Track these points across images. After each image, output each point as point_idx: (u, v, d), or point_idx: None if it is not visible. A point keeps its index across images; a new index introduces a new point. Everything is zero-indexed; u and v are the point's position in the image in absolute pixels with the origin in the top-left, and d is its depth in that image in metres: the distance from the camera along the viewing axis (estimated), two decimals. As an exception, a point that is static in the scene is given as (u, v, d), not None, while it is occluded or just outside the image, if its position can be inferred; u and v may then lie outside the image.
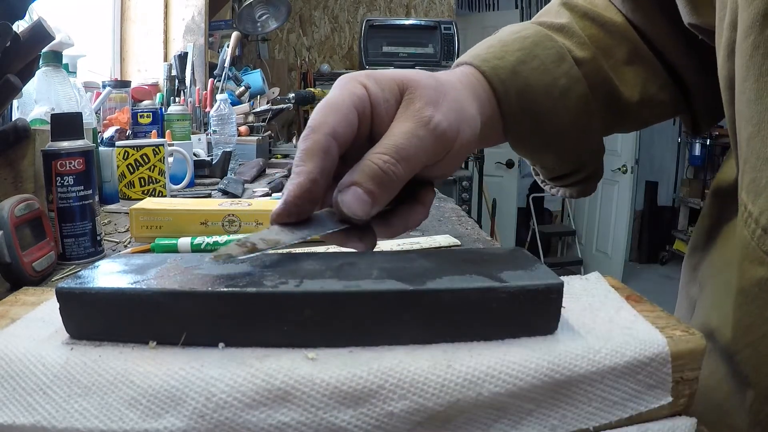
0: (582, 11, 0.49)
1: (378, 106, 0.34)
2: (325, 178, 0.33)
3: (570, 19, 0.48)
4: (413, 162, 0.33)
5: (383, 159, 0.32)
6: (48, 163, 0.61)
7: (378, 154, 0.33)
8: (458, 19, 3.37)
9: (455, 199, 2.81)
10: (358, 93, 0.34)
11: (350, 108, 0.34)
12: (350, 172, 0.33)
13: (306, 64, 3.26)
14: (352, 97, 0.34)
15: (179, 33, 2.05)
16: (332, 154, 0.33)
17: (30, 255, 0.54)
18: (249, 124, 1.84)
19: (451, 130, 0.35)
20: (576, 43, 0.46)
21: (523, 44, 0.44)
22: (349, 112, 0.33)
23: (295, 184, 0.32)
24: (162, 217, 0.72)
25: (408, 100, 0.35)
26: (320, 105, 0.34)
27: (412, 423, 0.24)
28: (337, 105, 0.33)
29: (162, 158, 1.09)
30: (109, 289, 0.27)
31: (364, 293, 0.26)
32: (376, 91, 0.34)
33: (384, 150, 0.33)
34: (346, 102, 0.34)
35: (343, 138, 0.33)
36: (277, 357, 0.25)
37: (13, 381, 0.25)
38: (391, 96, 0.35)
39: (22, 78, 0.65)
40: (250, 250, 0.29)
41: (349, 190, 0.32)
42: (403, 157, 0.33)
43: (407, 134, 0.33)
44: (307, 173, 0.32)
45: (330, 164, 0.33)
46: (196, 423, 0.23)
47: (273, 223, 0.32)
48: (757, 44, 0.31)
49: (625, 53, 0.47)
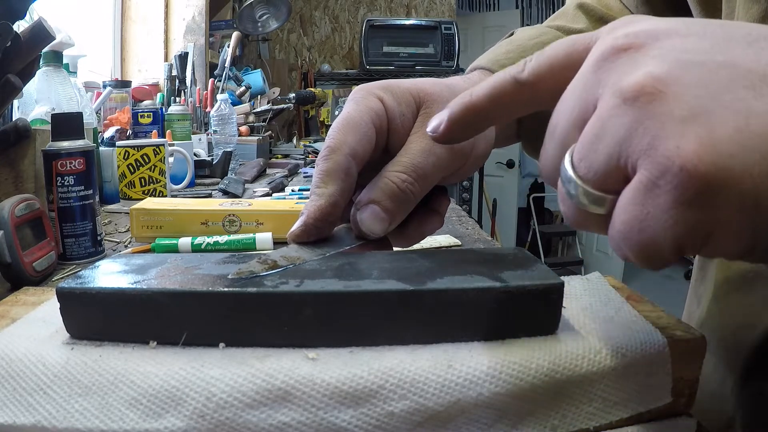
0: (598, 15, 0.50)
1: (394, 120, 0.34)
2: (345, 199, 0.33)
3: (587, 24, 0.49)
4: (430, 179, 0.33)
5: (401, 178, 0.32)
6: (48, 163, 0.61)
7: (396, 172, 0.33)
8: (459, 19, 3.36)
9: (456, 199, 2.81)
10: (376, 108, 0.34)
11: (369, 125, 0.34)
12: (368, 188, 0.33)
13: (306, 64, 3.26)
14: (370, 113, 0.34)
15: (180, 33, 2.05)
16: (352, 175, 0.33)
17: (30, 255, 0.54)
18: (249, 124, 1.84)
19: (467, 144, 0.35)
20: None
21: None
22: (368, 130, 0.33)
23: (316, 207, 0.32)
24: (162, 217, 0.72)
25: (425, 114, 0.35)
26: (338, 122, 0.34)
27: (413, 423, 0.24)
28: (355, 122, 0.33)
29: (162, 158, 1.09)
30: (110, 289, 0.27)
31: (364, 293, 0.26)
32: (392, 106, 0.34)
33: (402, 168, 0.33)
34: (364, 119, 0.33)
35: (362, 157, 0.33)
36: (277, 357, 0.25)
37: (14, 381, 0.25)
38: (408, 110, 0.35)
39: (22, 78, 0.65)
40: (272, 267, 0.29)
41: (367, 208, 0.32)
42: (421, 176, 0.33)
43: (425, 152, 0.33)
44: (328, 196, 0.32)
45: (350, 185, 0.33)
46: (197, 423, 0.23)
47: (291, 243, 0.32)
48: None
49: None
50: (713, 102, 0.19)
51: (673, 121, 0.19)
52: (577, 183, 0.22)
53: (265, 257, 0.30)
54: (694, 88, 0.20)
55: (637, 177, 0.20)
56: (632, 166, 0.20)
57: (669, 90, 0.20)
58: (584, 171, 0.22)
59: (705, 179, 0.18)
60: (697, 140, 0.19)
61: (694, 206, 0.19)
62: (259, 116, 1.99)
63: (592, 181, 0.21)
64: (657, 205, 0.19)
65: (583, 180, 0.22)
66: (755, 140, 0.18)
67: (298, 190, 1.14)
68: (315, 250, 0.32)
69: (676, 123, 0.19)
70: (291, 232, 0.32)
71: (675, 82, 0.20)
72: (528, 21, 4.69)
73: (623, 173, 0.21)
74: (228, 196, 1.08)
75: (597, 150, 0.21)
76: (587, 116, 0.22)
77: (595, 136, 0.21)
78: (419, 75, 2.94)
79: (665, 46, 0.21)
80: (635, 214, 0.20)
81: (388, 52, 2.98)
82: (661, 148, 0.19)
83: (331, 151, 0.33)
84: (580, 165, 0.22)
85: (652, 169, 0.19)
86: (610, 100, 0.21)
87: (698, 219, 0.19)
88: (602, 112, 0.21)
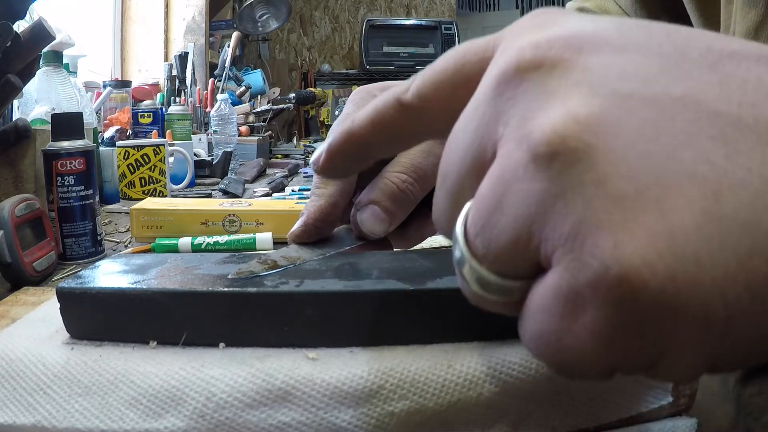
0: None
1: None
2: (345, 199, 0.33)
3: None
4: (431, 179, 0.33)
5: (401, 178, 0.32)
6: (48, 163, 0.61)
7: (396, 173, 0.33)
8: (459, 19, 3.36)
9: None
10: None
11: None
12: (368, 189, 0.33)
13: (306, 64, 3.26)
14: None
15: (180, 33, 2.05)
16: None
17: (30, 255, 0.54)
18: (249, 124, 1.84)
19: None
20: None
21: None
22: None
23: (316, 207, 0.32)
24: (162, 217, 0.72)
25: None
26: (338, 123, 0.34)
27: (413, 423, 0.24)
28: None
29: (162, 158, 1.09)
30: (110, 289, 0.27)
31: (364, 293, 0.26)
32: None
33: (402, 169, 0.33)
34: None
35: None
36: (277, 357, 0.25)
37: (14, 381, 0.25)
38: None
39: (22, 78, 0.65)
40: (272, 267, 0.29)
41: (367, 209, 0.32)
42: (421, 176, 0.33)
43: (425, 152, 0.33)
44: (328, 196, 0.32)
45: (350, 186, 0.33)
46: (197, 423, 0.23)
47: (291, 243, 0.32)
48: None
49: None
50: (669, 166, 0.13)
51: (609, 200, 0.13)
52: (471, 264, 0.16)
53: (265, 257, 0.30)
54: (641, 142, 0.13)
55: (554, 277, 0.14)
56: (546, 255, 0.14)
57: (602, 145, 0.13)
58: (481, 250, 0.16)
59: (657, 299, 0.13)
60: (647, 236, 0.13)
61: (636, 333, 0.13)
62: (259, 116, 1.99)
63: (489, 263, 0.16)
64: (582, 323, 0.14)
65: (478, 260, 0.16)
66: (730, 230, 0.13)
67: (298, 190, 1.14)
68: (315, 250, 0.32)
69: (613, 204, 0.13)
70: (291, 232, 0.32)
71: (612, 132, 0.14)
72: (528, 21, 4.68)
73: (533, 258, 0.15)
74: (228, 196, 1.08)
75: (497, 224, 0.15)
76: (484, 163, 0.16)
77: (494, 204, 0.15)
78: (419, 75, 2.93)
79: (594, 67, 0.15)
80: (550, 328, 0.14)
81: (388, 52, 2.98)
82: (589, 243, 0.13)
83: None
84: (475, 240, 0.16)
85: (576, 273, 0.13)
86: (514, 154, 0.15)
87: (641, 346, 0.13)
88: (504, 171, 0.15)
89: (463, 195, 0.17)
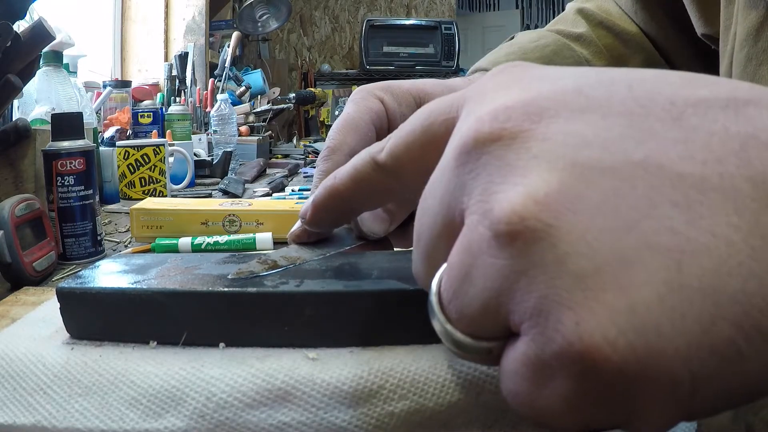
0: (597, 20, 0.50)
1: (395, 120, 0.34)
2: None
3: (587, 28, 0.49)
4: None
5: None
6: (48, 163, 0.61)
7: None
8: (459, 19, 3.37)
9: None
10: (375, 109, 0.34)
11: (369, 126, 0.33)
12: None
13: (306, 64, 3.26)
14: (370, 113, 0.34)
15: (180, 33, 2.05)
16: None
17: (30, 255, 0.54)
18: (249, 124, 1.84)
19: None
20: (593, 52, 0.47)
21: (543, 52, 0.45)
22: (368, 131, 0.33)
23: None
24: (162, 216, 0.72)
25: None
26: (338, 123, 0.34)
27: (413, 423, 0.24)
28: (355, 123, 0.33)
29: (162, 158, 1.09)
30: (110, 289, 0.27)
31: (364, 293, 0.26)
32: (393, 106, 0.34)
33: None
34: (364, 119, 0.33)
35: None
36: (277, 357, 0.25)
37: (14, 381, 0.25)
38: (408, 110, 0.35)
39: (22, 78, 0.65)
40: (272, 267, 0.29)
41: None
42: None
43: None
44: None
45: None
46: (197, 423, 0.23)
47: (291, 243, 0.32)
48: (750, 56, 0.31)
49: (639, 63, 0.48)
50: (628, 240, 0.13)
51: (569, 279, 0.13)
52: (446, 327, 0.17)
53: (265, 257, 0.30)
54: (600, 217, 0.13)
55: (523, 346, 0.15)
56: (514, 323, 0.15)
57: (561, 224, 0.13)
58: (454, 314, 0.16)
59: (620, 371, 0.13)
60: (607, 313, 0.13)
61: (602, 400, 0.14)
62: (259, 116, 1.99)
63: (465, 328, 0.16)
64: (551, 389, 0.14)
65: (452, 324, 0.17)
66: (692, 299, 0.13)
67: (298, 190, 1.14)
68: (315, 250, 0.32)
69: (573, 282, 0.13)
70: (291, 232, 0.32)
71: (571, 209, 0.14)
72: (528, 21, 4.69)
73: (503, 324, 0.15)
74: (228, 196, 1.08)
75: (467, 293, 0.16)
76: (454, 228, 0.16)
77: (463, 275, 0.16)
78: (419, 75, 2.94)
79: (552, 137, 0.15)
80: (523, 390, 0.15)
81: (388, 52, 2.98)
82: (553, 319, 0.13)
83: (331, 152, 0.33)
84: (449, 306, 0.17)
85: (543, 346, 0.14)
86: (478, 228, 0.15)
87: (609, 411, 0.14)
88: (470, 243, 0.15)
89: (437, 256, 0.18)
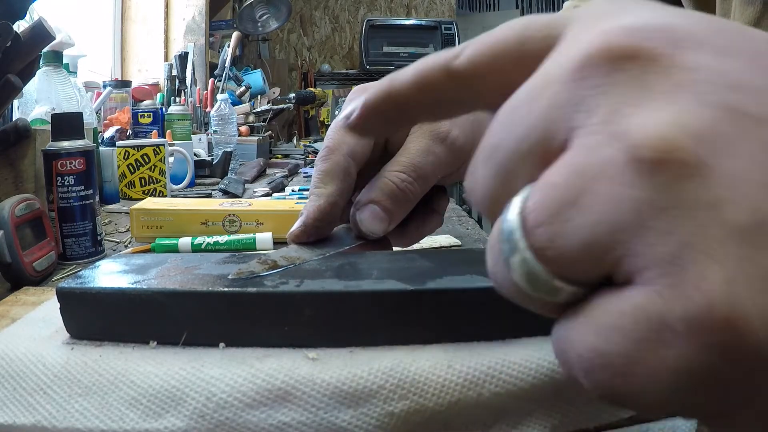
0: None
1: None
2: (344, 199, 0.33)
3: None
4: (430, 179, 0.33)
5: (401, 177, 0.32)
6: (48, 163, 0.61)
7: (395, 172, 0.33)
8: (459, 19, 3.36)
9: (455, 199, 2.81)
10: None
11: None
12: (367, 189, 0.33)
13: (306, 64, 3.26)
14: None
15: (180, 33, 2.05)
16: (351, 175, 0.33)
17: (30, 255, 0.54)
18: (249, 124, 1.84)
19: (468, 143, 0.35)
20: None
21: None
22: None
23: (315, 207, 0.32)
24: (162, 217, 0.72)
25: None
26: (336, 122, 0.34)
27: (413, 423, 0.24)
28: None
29: (162, 158, 1.09)
30: (110, 289, 0.27)
31: (364, 293, 0.26)
32: None
33: (401, 168, 0.33)
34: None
35: (361, 157, 0.34)
36: (277, 357, 0.25)
37: (14, 381, 0.25)
38: None
39: (22, 78, 0.65)
40: (272, 267, 0.29)
41: (367, 208, 0.32)
42: (420, 176, 0.33)
43: (423, 151, 0.33)
44: (327, 196, 0.32)
45: (349, 185, 0.33)
46: (197, 423, 0.23)
47: (291, 243, 0.33)
48: None
49: None
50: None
51: (724, 229, 0.11)
52: (524, 256, 0.14)
53: (265, 257, 0.30)
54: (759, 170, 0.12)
55: (639, 297, 0.12)
56: (628, 270, 0.12)
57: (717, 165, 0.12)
58: (543, 242, 0.13)
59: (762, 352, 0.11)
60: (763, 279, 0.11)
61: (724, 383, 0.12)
62: (259, 116, 1.99)
63: (550, 261, 0.14)
64: (662, 357, 0.12)
65: (536, 254, 0.14)
66: None
67: (298, 190, 1.14)
68: (315, 250, 0.32)
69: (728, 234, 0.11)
70: (291, 232, 0.33)
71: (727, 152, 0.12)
72: (528, 21, 4.68)
73: (605, 268, 0.13)
74: (228, 196, 1.08)
75: (571, 224, 0.13)
76: (550, 148, 0.14)
77: (570, 198, 0.13)
78: (419, 75, 2.93)
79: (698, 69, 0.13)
80: (617, 350, 0.12)
81: (388, 52, 2.98)
82: (694, 273, 0.11)
83: (330, 152, 0.33)
84: (536, 231, 0.14)
85: (672, 302, 0.12)
86: (603, 150, 0.13)
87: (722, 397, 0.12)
88: (587, 165, 0.13)
89: (516, 175, 0.15)
